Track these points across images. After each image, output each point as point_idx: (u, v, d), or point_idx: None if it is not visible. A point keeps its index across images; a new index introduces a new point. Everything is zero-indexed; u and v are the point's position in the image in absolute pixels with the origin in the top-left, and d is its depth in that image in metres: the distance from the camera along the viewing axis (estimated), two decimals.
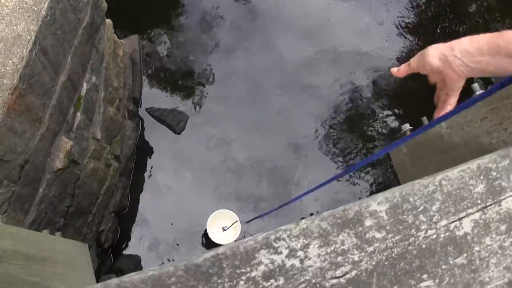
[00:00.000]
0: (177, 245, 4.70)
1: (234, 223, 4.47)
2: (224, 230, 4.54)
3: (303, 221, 1.05)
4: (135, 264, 4.59)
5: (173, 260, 4.63)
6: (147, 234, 4.72)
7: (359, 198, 5.11)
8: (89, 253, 3.51)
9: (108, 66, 3.93)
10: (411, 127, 4.25)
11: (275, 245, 1.02)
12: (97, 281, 4.19)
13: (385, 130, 5.48)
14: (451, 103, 1.40)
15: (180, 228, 4.75)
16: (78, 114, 3.40)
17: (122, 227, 4.75)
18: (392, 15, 6.19)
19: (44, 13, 2.74)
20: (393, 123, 5.52)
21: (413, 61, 1.43)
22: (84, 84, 3.45)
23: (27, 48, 2.60)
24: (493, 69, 1.25)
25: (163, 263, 4.62)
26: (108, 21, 3.95)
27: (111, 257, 4.63)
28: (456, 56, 1.28)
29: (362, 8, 6.17)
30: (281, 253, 1.02)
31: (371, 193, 5.12)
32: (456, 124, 3.59)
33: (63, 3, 2.97)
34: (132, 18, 5.65)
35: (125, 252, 4.68)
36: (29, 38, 2.63)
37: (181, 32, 5.70)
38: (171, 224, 4.76)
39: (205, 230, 4.58)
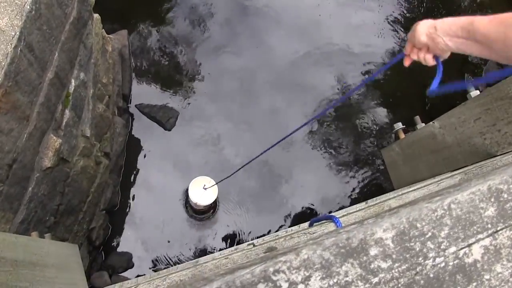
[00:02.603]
0: (168, 242, 4.65)
1: (213, 185, 4.54)
2: (205, 188, 4.57)
3: (303, 250, 0.98)
4: (127, 261, 4.55)
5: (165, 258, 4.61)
6: (139, 231, 4.67)
7: (350, 198, 5.09)
8: (79, 253, 3.45)
9: (96, 62, 3.83)
10: (404, 126, 4.23)
11: (274, 278, 0.95)
12: (88, 279, 4.15)
13: (377, 127, 5.44)
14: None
15: (171, 224, 4.70)
16: (67, 111, 3.32)
17: (113, 224, 4.69)
18: (384, 10, 6.11)
19: (28, 7, 2.64)
20: (384, 121, 5.47)
21: (409, 36, 1.69)
22: (72, 80, 3.37)
23: (11, 44, 2.51)
24: (467, 50, 1.44)
25: (154, 260, 4.59)
26: (96, 15, 3.85)
27: (103, 254, 4.58)
28: (439, 36, 1.51)
29: (353, 3, 6.09)
30: (280, 286, 0.94)
31: (363, 193, 5.09)
32: (449, 124, 3.55)
33: None
34: (121, 13, 5.52)
35: (116, 249, 4.63)
36: (13, 34, 2.54)
37: (171, 27, 5.58)
38: (162, 220, 4.71)
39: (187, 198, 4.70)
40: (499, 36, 1.29)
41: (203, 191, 4.56)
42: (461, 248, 1.06)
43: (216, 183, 4.48)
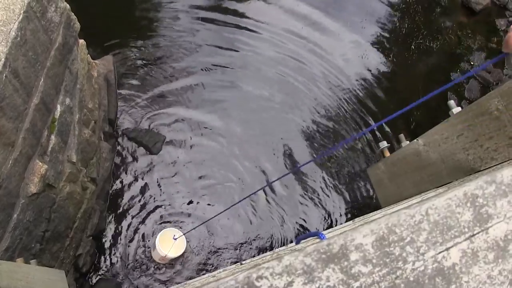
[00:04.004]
0: (156, 267, 4.61)
1: (180, 236, 4.45)
2: (174, 239, 4.44)
3: (286, 257, 1.00)
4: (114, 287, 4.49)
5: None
6: (126, 256, 4.62)
7: (339, 219, 5.10)
8: (66, 279, 3.41)
9: (82, 87, 3.85)
10: (388, 145, 4.26)
11: (257, 284, 0.97)
12: None
13: (362, 147, 5.51)
14: None
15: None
16: (52, 137, 3.32)
17: (100, 250, 4.64)
18: (367, 33, 6.26)
19: (14, 34, 2.66)
20: (370, 140, 5.55)
21: None
22: (58, 106, 3.37)
23: None
24: None
25: (142, 287, 4.54)
26: (82, 41, 3.87)
27: (90, 281, 4.52)
28: None
29: (337, 27, 6.22)
30: None
31: (352, 213, 5.12)
32: (433, 141, 3.59)
33: (34, 24, 2.90)
34: (106, 38, 5.58)
35: (103, 275, 4.56)
36: None
37: (156, 52, 5.64)
38: (150, 245, 4.67)
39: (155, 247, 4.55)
40: None
41: (172, 243, 4.44)
42: (440, 252, 1.09)
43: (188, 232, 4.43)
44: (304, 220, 5.07)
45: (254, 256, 4.67)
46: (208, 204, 4.95)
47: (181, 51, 5.71)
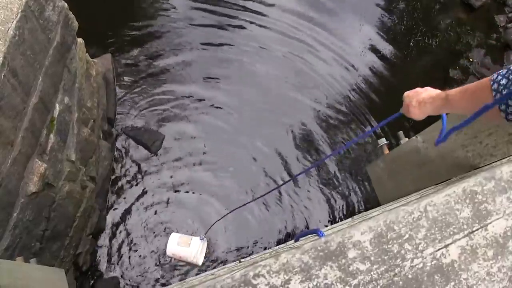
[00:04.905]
0: (156, 265, 4.60)
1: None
2: (201, 239, 4.38)
3: (283, 255, 0.99)
4: (114, 286, 4.48)
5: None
6: (126, 255, 4.61)
7: (339, 217, 5.09)
8: (66, 278, 3.40)
9: (81, 86, 3.84)
10: (387, 142, 4.26)
11: (254, 282, 0.96)
12: None
13: (361, 144, 5.51)
14: None
15: (158, 249, 4.65)
16: (52, 136, 3.31)
17: (100, 249, 4.64)
18: (365, 29, 6.26)
19: (12, 33, 2.66)
20: (369, 137, 5.54)
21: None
22: (57, 105, 3.37)
23: None
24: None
25: (142, 285, 4.54)
26: (80, 40, 3.87)
27: (90, 280, 4.52)
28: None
29: (336, 22, 6.22)
30: None
31: (352, 211, 5.11)
32: (432, 138, 3.57)
33: (32, 23, 2.90)
34: (105, 37, 5.58)
35: (103, 274, 4.56)
36: None
37: (155, 51, 5.62)
38: (149, 244, 4.66)
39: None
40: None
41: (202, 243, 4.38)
42: (439, 249, 1.08)
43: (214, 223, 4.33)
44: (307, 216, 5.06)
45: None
46: (210, 199, 4.94)
47: (181, 45, 5.70)
